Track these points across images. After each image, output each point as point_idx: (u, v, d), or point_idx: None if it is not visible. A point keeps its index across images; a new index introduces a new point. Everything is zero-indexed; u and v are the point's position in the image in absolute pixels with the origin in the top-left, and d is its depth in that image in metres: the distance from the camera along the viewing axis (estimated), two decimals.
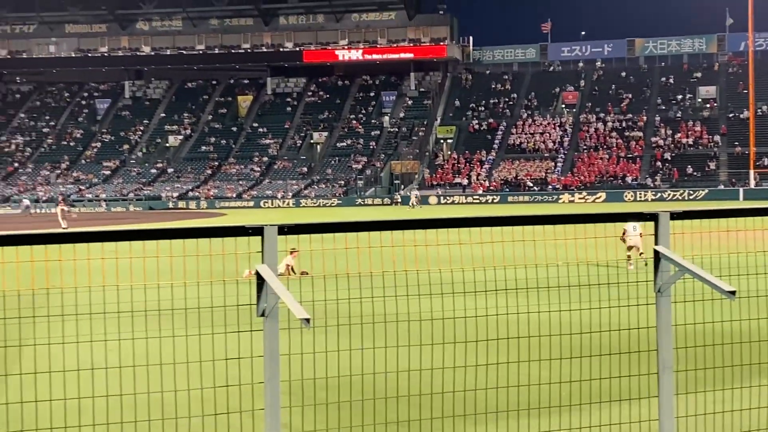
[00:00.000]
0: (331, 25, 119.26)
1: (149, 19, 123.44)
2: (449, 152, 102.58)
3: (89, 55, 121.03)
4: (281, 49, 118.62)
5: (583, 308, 8.10)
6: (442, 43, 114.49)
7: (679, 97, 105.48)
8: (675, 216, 6.37)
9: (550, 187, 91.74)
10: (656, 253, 6.31)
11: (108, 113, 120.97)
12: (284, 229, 5.93)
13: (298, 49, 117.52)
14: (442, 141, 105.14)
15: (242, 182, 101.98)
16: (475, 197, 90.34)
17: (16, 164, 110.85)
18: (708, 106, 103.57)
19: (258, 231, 5.87)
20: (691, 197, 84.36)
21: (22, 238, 5.47)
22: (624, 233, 22.72)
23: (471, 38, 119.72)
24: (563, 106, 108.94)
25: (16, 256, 6.16)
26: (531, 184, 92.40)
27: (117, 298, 7.69)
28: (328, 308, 8.47)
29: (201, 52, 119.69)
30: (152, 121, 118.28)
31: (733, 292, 5.75)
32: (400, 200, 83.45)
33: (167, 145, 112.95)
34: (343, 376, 7.88)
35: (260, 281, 5.82)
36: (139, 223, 56.41)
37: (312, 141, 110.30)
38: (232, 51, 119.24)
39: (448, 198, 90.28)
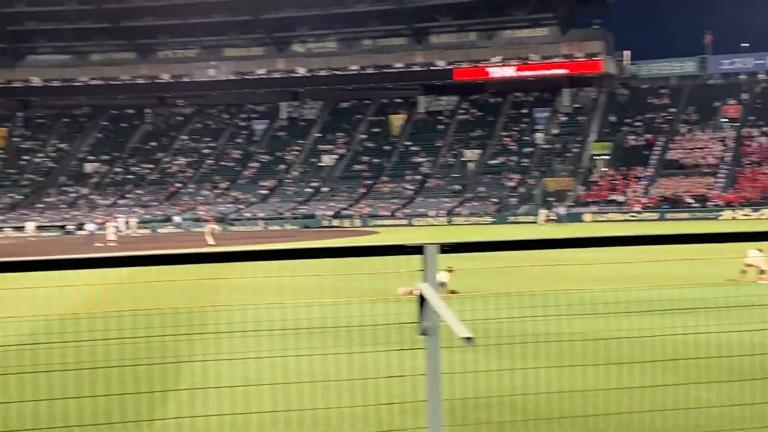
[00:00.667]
0: (482, 42, 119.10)
1: (304, 41, 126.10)
2: (604, 168, 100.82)
3: (247, 77, 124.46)
4: (432, 68, 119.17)
5: (747, 329, 7.81)
6: (596, 58, 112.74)
7: None
8: None
9: (710, 203, 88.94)
10: None
11: (265, 134, 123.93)
12: (445, 248, 5.89)
13: (449, 67, 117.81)
14: (596, 157, 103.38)
15: (395, 200, 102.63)
16: (631, 214, 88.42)
17: (178, 185, 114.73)
18: None
19: (418, 250, 5.86)
20: None
21: (187, 257, 5.62)
22: (747, 256, 23.80)
23: (627, 53, 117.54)
24: (724, 120, 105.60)
25: (183, 274, 6.34)
26: (691, 201, 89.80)
27: (280, 315, 7.83)
28: (488, 327, 8.39)
29: (354, 72, 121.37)
30: (307, 140, 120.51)
31: None
32: (555, 217, 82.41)
33: (322, 164, 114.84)
34: (505, 395, 7.79)
35: (421, 300, 5.80)
36: (295, 242, 57.51)
37: (464, 159, 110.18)
38: (385, 70, 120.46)
39: (603, 215, 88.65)
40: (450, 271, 21.56)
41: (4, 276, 5.54)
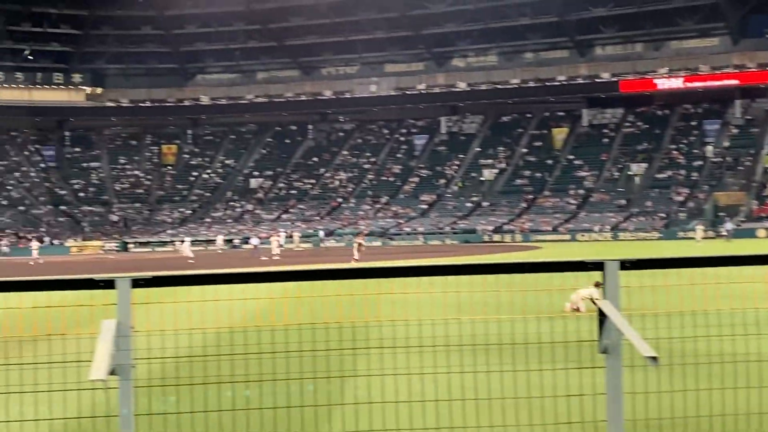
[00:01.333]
0: (649, 53, 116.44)
1: (464, 56, 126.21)
2: None
3: (407, 92, 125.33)
4: (596, 80, 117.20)
5: None
6: None
7: None
8: None
9: None
10: None
11: (425, 148, 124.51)
12: (626, 264, 5.74)
13: (614, 79, 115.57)
14: None
15: (557, 215, 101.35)
16: None
17: (339, 200, 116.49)
18: None
19: (598, 266, 5.73)
20: None
21: (343, 272, 5.59)
22: None
23: None
24: None
25: (347, 288, 6.30)
26: None
27: (458, 331, 7.64)
28: (673, 347, 8.06)
29: (516, 85, 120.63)
30: (467, 155, 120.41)
31: None
32: (726, 233, 79.53)
33: (482, 178, 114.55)
34: (690, 417, 7.47)
35: (601, 317, 5.66)
36: (456, 257, 57.45)
37: (630, 172, 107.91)
38: (547, 83, 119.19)
39: None
40: (598, 285, 20.63)
41: (185, 289, 5.58)
